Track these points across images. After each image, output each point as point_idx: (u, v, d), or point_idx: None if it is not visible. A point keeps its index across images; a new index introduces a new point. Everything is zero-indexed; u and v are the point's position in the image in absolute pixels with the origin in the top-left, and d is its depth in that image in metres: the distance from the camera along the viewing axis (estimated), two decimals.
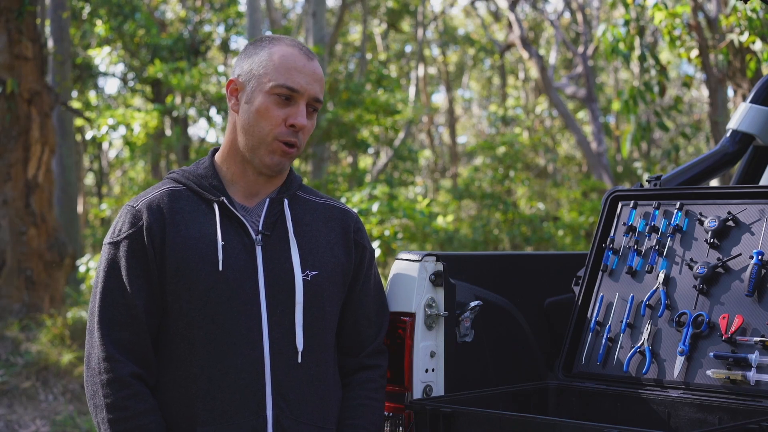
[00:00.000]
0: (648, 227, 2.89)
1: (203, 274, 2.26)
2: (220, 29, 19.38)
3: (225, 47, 20.19)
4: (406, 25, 25.97)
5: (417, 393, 2.66)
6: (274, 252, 2.33)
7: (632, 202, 2.96)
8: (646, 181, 3.22)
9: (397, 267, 2.75)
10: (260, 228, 2.34)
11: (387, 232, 11.02)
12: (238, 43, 21.40)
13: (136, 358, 2.25)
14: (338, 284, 2.41)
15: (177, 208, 2.32)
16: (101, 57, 17.67)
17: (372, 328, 2.51)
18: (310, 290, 2.34)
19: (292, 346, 2.30)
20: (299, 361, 2.30)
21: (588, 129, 19.57)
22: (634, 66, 15.90)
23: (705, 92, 15.85)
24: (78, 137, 20.44)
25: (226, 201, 2.33)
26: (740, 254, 2.68)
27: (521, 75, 27.11)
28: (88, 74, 19.56)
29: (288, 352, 2.30)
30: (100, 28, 16.51)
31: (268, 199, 2.38)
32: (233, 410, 2.25)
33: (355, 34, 27.07)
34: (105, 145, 22.74)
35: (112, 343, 2.23)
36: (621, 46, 9.72)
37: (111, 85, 44.12)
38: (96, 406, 2.23)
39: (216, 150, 2.44)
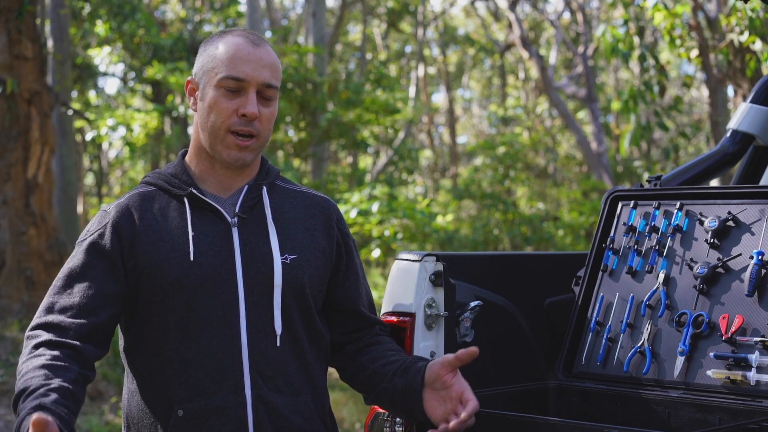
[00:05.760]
0: (648, 227, 2.89)
1: (175, 265, 2.26)
2: (221, 29, 19.39)
3: None
4: (406, 25, 25.96)
5: None
6: (251, 235, 2.34)
7: (632, 202, 2.96)
8: (646, 181, 3.22)
9: (397, 267, 2.75)
10: (237, 211, 2.34)
11: (387, 232, 11.02)
12: None
13: (65, 336, 2.21)
14: (320, 268, 2.40)
15: (148, 207, 2.34)
16: (101, 57, 17.68)
17: (373, 312, 2.54)
18: (290, 273, 2.33)
19: (270, 326, 2.31)
20: (278, 344, 2.31)
21: (588, 129, 19.57)
22: (634, 66, 15.91)
23: (705, 92, 15.86)
24: (78, 137, 20.45)
25: (195, 191, 2.34)
26: (740, 254, 2.68)
27: (521, 75, 27.11)
28: (88, 74, 19.57)
29: (266, 331, 2.30)
30: (100, 28, 16.51)
31: (246, 186, 2.39)
32: (211, 389, 2.26)
33: (355, 34, 27.08)
34: (105, 146, 22.74)
35: (44, 324, 2.23)
36: (621, 46, 9.73)
37: (111, 85, 44.09)
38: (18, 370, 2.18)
39: (186, 151, 2.45)
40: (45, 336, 2.20)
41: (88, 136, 18.71)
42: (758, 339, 2.54)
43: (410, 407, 2.31)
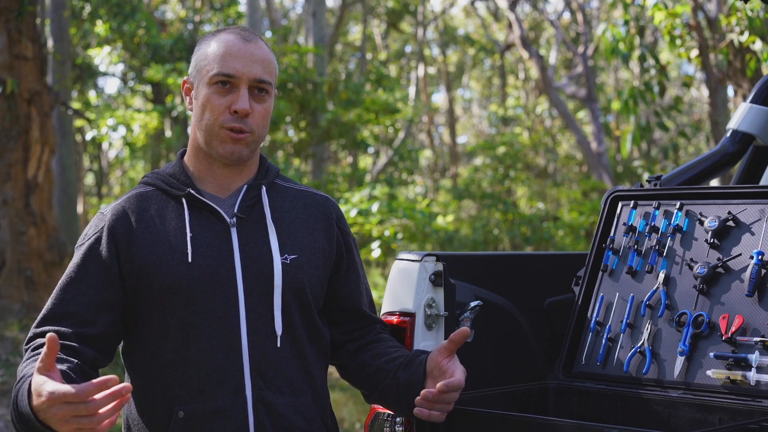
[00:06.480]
0: (648, 227, 2.89)
1: (173, 266, 2.26)
2: None
3: None
4: (406, 25, 25.97)
5: None
6: (250, 235, 2.33)
7: (632, 202, 2.96)
8: (646, 181, 3.22)
9: (397, 267, 2.74)
10: (236, 211, 2.33)
11: (387, 232, 11.02)
12: None
13: (63, 339, 2.22)
14: (320, 268, 2.39)
15: (145, 208, 2.33)
16: (101, 57, 17.68)
17: (373, 311, 2.54)
18: (290, 273, 2.32)
19: (271, 327, 2.30)
20: (278, 345, 2.30)
21: (588, 129, 19.58)
22: (634, 66, 15.91)
23: (705, 92, 15.86)
24: (78, 137, 20.45)
25: (193, 192, 2.33)
26: (740, 254, 2.68)
27: (521, 75, 27.12)
28: (88, 74, 19.57)
29: (266, 332, 2.30)
30: (100, 28, 16.51)
31: (245, 186, 2.38)
32: (211, 390, 2.25)
33: (355, 34, 27.09)
34: (105, 145, 22.75)
35: (41, 333, 2.24)
36: (621, 46, 9.73)
37: (111, 85, 44.15)
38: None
39: (185, 151, 2.44)
40: (43, 341, 2.20)
41: (88, 136, 18.72)
42: (758, 339, 2.54)
43: (413, 400, 2.32)
